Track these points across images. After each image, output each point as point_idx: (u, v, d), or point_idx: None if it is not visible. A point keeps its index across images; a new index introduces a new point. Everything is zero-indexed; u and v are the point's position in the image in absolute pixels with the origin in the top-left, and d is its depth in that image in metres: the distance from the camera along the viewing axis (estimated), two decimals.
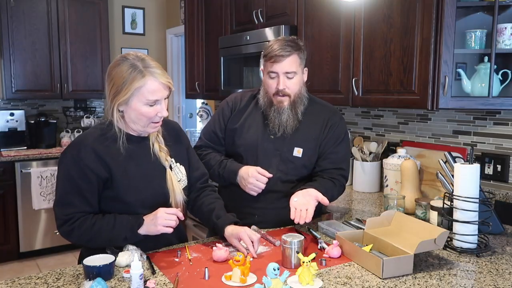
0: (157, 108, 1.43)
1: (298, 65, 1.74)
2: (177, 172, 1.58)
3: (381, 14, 2.11)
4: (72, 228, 1.41)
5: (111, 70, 1.43)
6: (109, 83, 1.43)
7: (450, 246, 1.58)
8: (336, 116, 1.88)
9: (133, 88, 1.39)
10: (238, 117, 1.88)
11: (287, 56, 1.70)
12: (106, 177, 1.44)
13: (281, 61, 1.71)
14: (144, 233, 1.44)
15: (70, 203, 1.42)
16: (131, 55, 1.44)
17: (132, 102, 1.41)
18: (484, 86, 1.86)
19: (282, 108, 1.77)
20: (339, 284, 1.29)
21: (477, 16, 1.94)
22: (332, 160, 1.84)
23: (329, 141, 1.84)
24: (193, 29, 3.81)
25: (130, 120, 1.45)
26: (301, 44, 1.78)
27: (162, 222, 1.42)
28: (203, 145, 1.94)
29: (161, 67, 1.46)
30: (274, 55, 1.71)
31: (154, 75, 1.40)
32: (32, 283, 1.30)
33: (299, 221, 1.59)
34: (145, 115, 1.43)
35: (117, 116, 1.44)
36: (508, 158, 2.01)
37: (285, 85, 1.74)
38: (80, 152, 1.42)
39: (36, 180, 3.85)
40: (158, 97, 1.42)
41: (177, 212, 1.46)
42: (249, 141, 1.84)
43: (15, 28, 3.97)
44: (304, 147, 1.81)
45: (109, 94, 1.43)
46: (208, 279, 1.31)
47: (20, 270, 3.74)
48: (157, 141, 1.54)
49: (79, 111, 4.57)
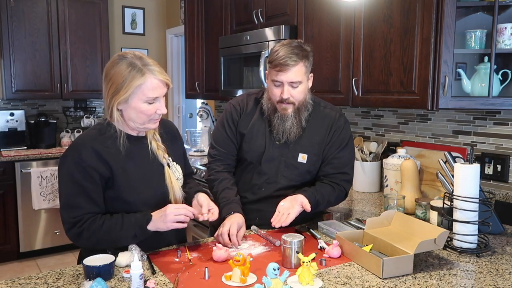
0: (157, 105, 1.45)
1: (303, 74, 1.68)
2: (174, 170, 1.60)
3: (381, 14, 2.11)
4: (82, 230, 1.40)
5: (109, 69, 1.43)
6: (108, 82, 1.43)
7: (450, 246, 1.58)
8: (340, 120, 1.82)
9: (133, 86, 1.39)
10: (246, 121, 1.83)
11: (292, 65, 1.64)
12: (108, 176, 1.44)
13: (287, 71, 1.64)
14: (153, 230, 1.44)
15: (77, 206, 1.41)
16: (129, 54, 1.44)
17: (132, 101, 1.42)
18: (484, 86, 1.86)
19: (286, 115, 1.73)
20: (339, 284, 1.29)
21: (477, 16, 1.94)
22: (334, 165, 1.80)
23: (333, 146, 1.80)
24: (193, 29, 3.81)
25: (130, 118, 1.46)
26: (308, 49, 1.71)
27: (172, 218, 1.43)
28: (218, 153, 1.85)
29: (158, 64, 1.47)
30: (279, 64, 1.64)
31: (154, 73, 1.41)
32: (32, 283, 1.30)
33: (275, 224, 1.60)
34: (145, 113, 1.43)
35: (117, 115, 1.44)
36: (508, 158, 2.01)
37: (289, 94, 1.69)
38: (81, 154, 1.42)
39: (36, 180, 3.85)
40: (157, 95, 1.43)
41: (186, 208, 1.47)
42: (255, 148, 1.81)
43: (15, 28, 3.97)
44: (308, 153, 1.78)
45: (107, 94, 1.43)
46: (208, 279, 1.31)
47: (20, 270, 3.74)
48: (154, 140, 1.55)
49: (79, 111, 4.57)
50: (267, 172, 1.79)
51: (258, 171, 1.81)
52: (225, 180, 1.81)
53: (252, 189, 1.82)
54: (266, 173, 1.80)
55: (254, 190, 1.81)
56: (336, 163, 1.80)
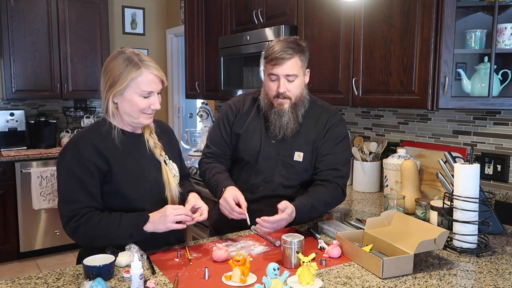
0: (151, 100, 1.49)
1: (299, 67, 1.71)
2: (171, 168, 1.62)
3: (381, 14, 2.11)
4: (78, 225, 1.42)
5: (108, 63, 1.50)
6: (105, 75, 1.48)
7: (450, 246, 1.58)
8: (335, 117, 1.83)
9: (129, 78, 1.44)
10: (241, 122, 1.85)
11: (288, 59, 1.66)
12: (106, 170, 1.46)
13: (282, 64, 1.67)
14: (151, 231, 1.45)
15: (75, 199, 1.43)
16: (128, 50, 1.51)
17: (127, 93, 1.46)
18: (484, 86, 1.86)
19: (282, 110, 1.74)
20: (339, 284, 1.29)
21: (477, 16, 1.94)
22: (327, 162, 1.77)
23: (327, 141, 1.79)
24: (193, 29, 3.81)
25: (124, 112, 1.50)
26: (304, 44, 1.73)
27: (172, 218, 1.43)
28: (211, 152, 1.88)
29: (155, 62, 1.52)
30: (275, 58, 1.67)
31: (149, 68, 1.47)
32: (32, 283, 1.30)
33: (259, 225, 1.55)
34: (138, 106, 1.47)
35: (112, 108, 1.49)
36: (508, 158, 2.01)
37: (285, 88, 1.70)
38: (79, 148, 1.45)
39: (36, 180, 3.85)
40: (152, 89, 1.48)
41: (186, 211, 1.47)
42: (251, 147, 1.81)
43: (15, 28, 3.97)
44: (304, 151, 1.78)
45: (104, 86, 1.48)
46: (208, 279, 1.31)
47: (20, 270, 3.74)
48: (151, 138, 1.59)
49: (79, 111, 4.58)
50: (264, 171, 1.80)
51: (255, 170, 1.81)
52: (215, 168, 1.83)
53: (251, 189, 1.82)
54: (263, 171, 1.80)
55: (252, 190, 1.81)
56: (328, 159, 1.78)
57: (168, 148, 1.65)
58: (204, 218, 1.55)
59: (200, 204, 1.58)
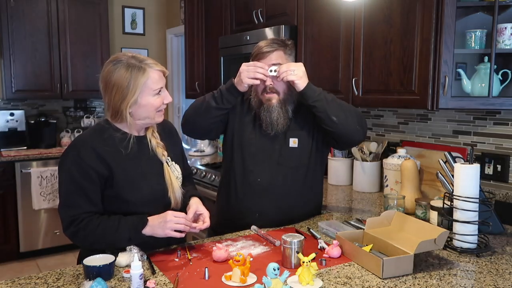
0: (162, 95, 1.50)
1: (284, 59, 1.75)
2: (173, 169, 1.61)
3: (381, 14, 2.11)
4: (78, 229, 1.42)
5: (108, 77, 1.44)
6: (111, 89, 1.44)
7: (450, 246, 1.58)
8: None
9: (140, 85, 1.43)
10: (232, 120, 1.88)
11: (271, 51, 1.74)
12: (107, 176, 1.45)
13: (266, 57, 1.74)
14: (149, 235, 1.45)
15: (75, 204, 1.43)
16: (121, 56, 1.47)
17: (142, 99, 1.45)
18: (484, 86, 1.86)
19: (271, 106, 1.77)
20: (339, 284, 1.29)
21: (477, 16, 1.94)
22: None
23: None
24: (193, 29, 3.81)
25: (139, 117, 1.49)
26: (289, 42, 1.80)
27: (171, 226, 1.44)
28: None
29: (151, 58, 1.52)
30: (260, 52, 1.75)
31: (152, 66, 1.47)
32: (32, 283, 1.30)
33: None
34: (154, 106, 1.48)
35: (129, 119, 1.47)
36: (508, 158, 2.01)
37: (271, 81, 1.74)
38: (81, 152, 1.43)
39: (36, 180, 3.85)
40: (161, 85, 1.50)
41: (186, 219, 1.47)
42: (245, 140, 1.84)
43: (15, 28, 3.96)
44: (299, 137, 1.82)
45: (113, 101, 1.45)
46: (208, 279, 1.31)
47: (20, 270, 3.74)
48: (153, 137, 1.58)
49: (79, 111, 4.57)
50: (262, 162, 1.81)
51: (253, 162, 1.82)
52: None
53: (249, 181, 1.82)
54: (261, 163, 1.82)
55: (250, 182, 1.82)
56: None
57: (171, 148, 1.63)
58: (206, 226, 1.54)
59: (202, 210, 1.57)
